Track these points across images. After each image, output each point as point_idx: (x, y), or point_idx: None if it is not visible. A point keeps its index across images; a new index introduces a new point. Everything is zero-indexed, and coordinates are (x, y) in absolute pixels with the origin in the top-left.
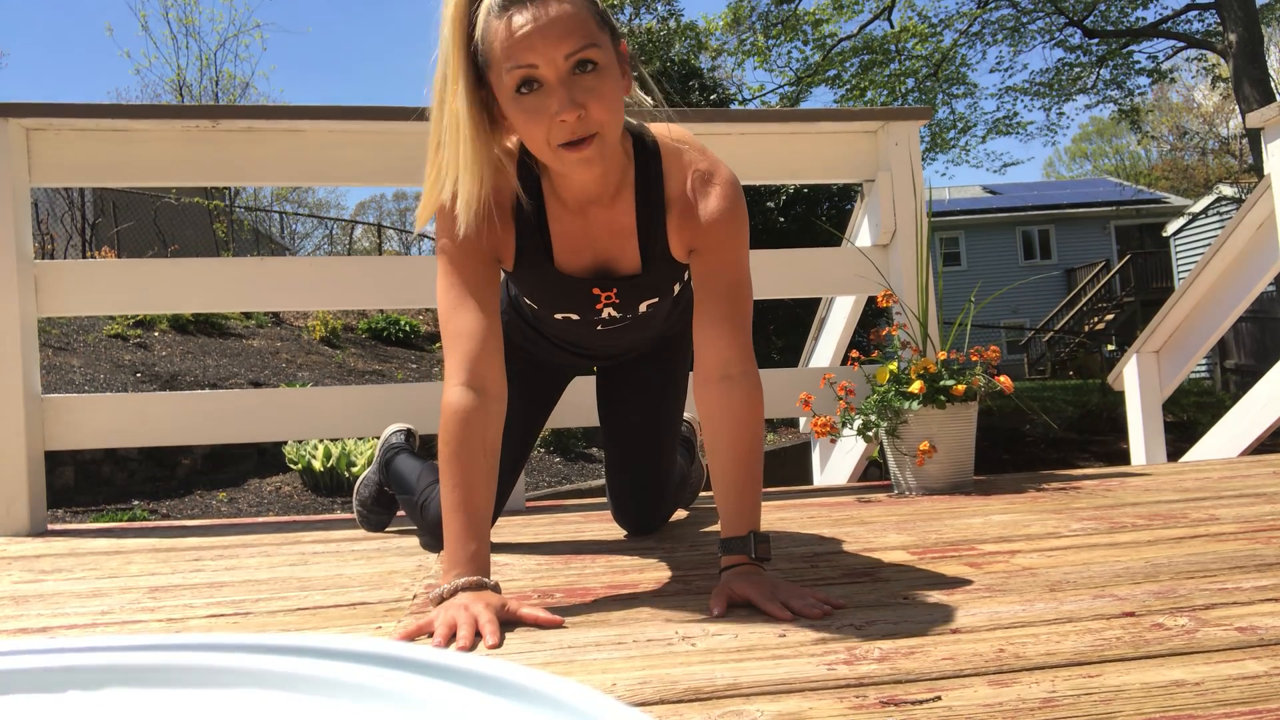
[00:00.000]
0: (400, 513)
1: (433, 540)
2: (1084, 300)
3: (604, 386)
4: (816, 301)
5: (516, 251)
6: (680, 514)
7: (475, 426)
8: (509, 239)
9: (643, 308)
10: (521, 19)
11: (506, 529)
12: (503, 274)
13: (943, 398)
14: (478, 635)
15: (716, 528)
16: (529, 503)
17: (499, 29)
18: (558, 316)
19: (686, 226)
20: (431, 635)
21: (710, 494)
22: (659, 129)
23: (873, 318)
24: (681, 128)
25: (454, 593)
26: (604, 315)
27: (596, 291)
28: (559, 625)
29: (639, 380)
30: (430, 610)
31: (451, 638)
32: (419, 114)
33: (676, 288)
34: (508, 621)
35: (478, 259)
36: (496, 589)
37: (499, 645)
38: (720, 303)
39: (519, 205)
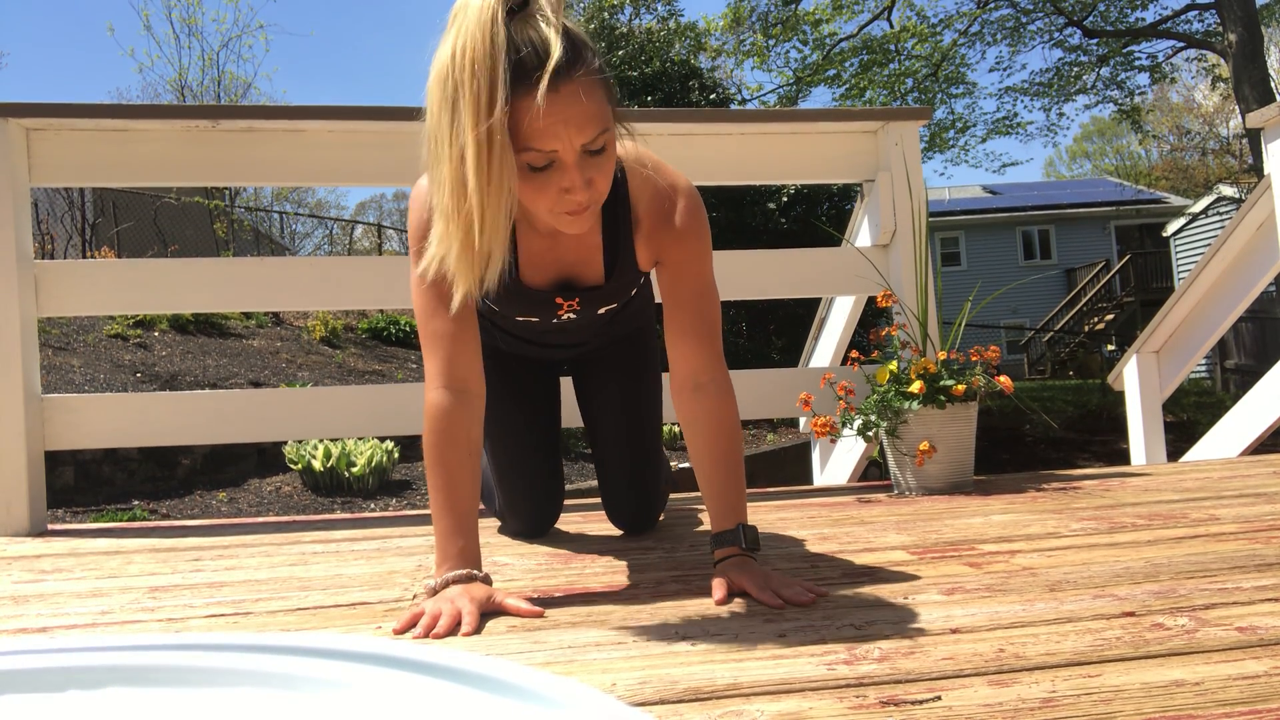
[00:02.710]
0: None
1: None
2: (1084, 300)
3: (580, 391)
4: (816, 301)
5: None
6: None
7: (459, 427)
8: None
9: (601, 311)
10: (550, 103)
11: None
12: None
13: (943, 398)
14: (459, 626)
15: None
16: None
17: (527, 102)
18: (518, 318)
19: (654, 240)
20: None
21: (698, 494)
22: (621, 150)
23: (873, 318)
24: (639, 146)
25: (445, 585)
26: (564, 319)
27: (559, 301)
28: (539, 615)
29: (613, 381)
30: (423, 603)
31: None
32: (419, 114)
33: (633, 291)
34: (491, 612)
35: None
36: (487, 581)
37: (474, 633)
38: (687, 314)
39: None
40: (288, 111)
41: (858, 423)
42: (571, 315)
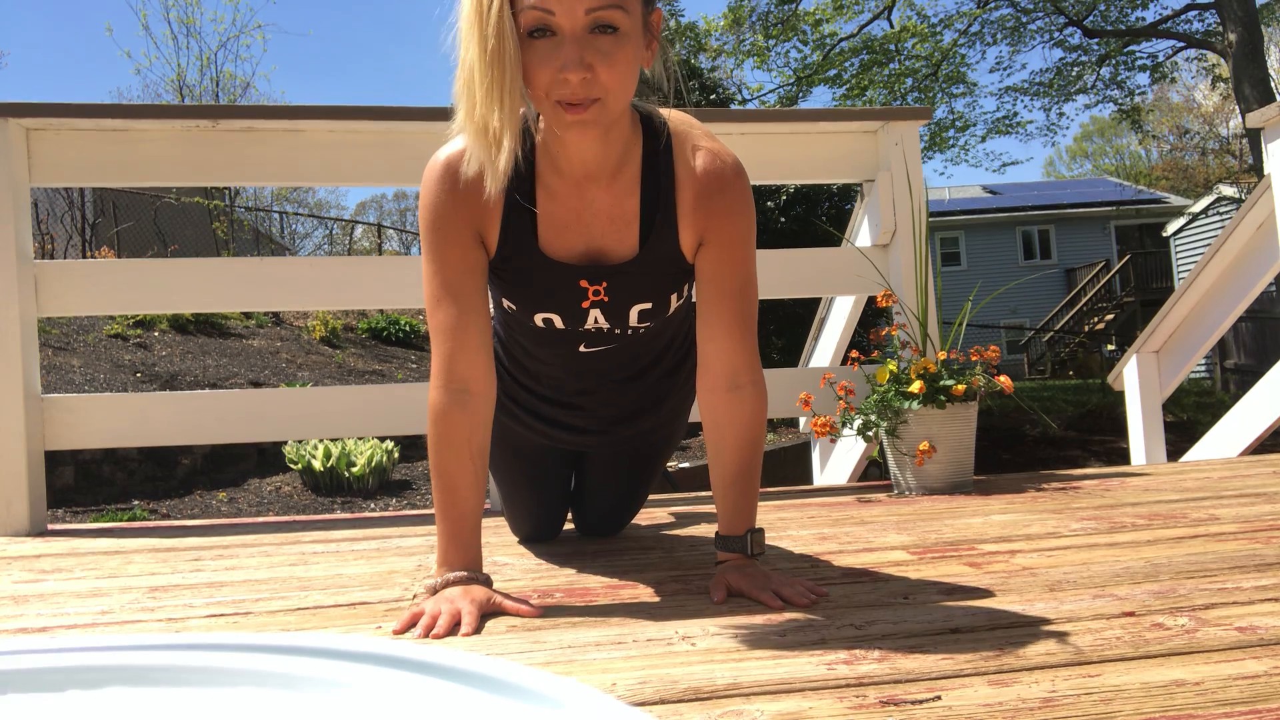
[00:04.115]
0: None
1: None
2: (1084, 300)
3: (583, 471)
4: (816, 301)
5: (501, 229)
6: (669, 517)
7: (460, 429)
8: (495, 215)
9: (633, 316)
10: None
11: (506, 529)
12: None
13: (943, 398)
14: (459, 626)
15: (714, 527)
16: None
17: None
18: (539, 320)
19: (699, 212)
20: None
21: (699, 494)
22: (670, 111)
23: (873, 318)
24: (684, 113)
25: (445, 586)
26: (590, 323)
27: (584, 285)
28: (538, 615)
29: (617, 480)
30: (423, 603)
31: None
32: (419, 114)
33: (674, 300)
34: (491, 612)
35: (461, 242)
36: (487, 581)
37: (474, 634)
38: (730, 304)
39: (511, 176)
40: (287, 111)
41: (858, 423)
42: (599, 315)
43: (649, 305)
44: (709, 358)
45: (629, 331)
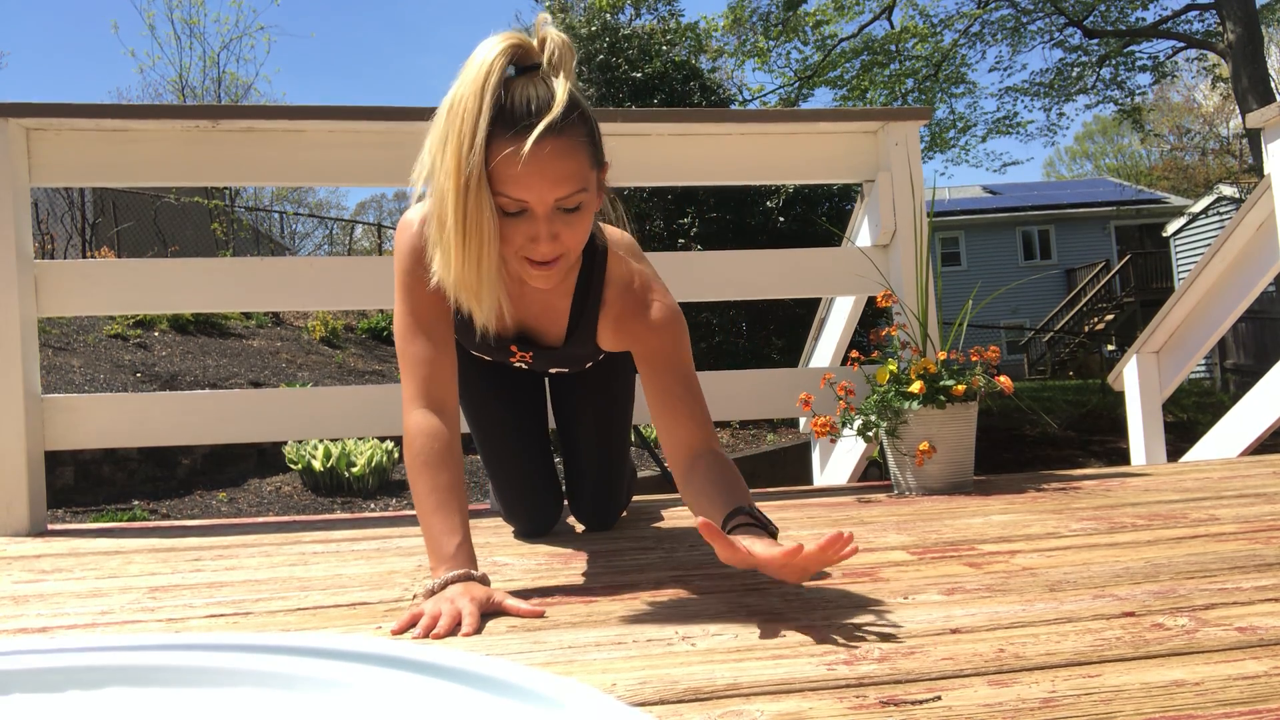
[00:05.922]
0: None
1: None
2: (1084, 300)
3: (553, 393)
4: (816, 301)
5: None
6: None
7: (442, 439)
8: None
9: (552, 371)
10: (526, 153)
11: (506, 529)
12: None
13: (943, 398)
14: (460, 626)
15: None
16: None
17: (504, 149)
18: (473, 353)
19: (623, 330)
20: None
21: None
22: (611, 233)
23: (873, 318)
24: (628, 237)
25: (444, 586)
26: (516, 365)
27: (514, 349)
28: (538, 616)
29: (585, 393)
30: (422, 603)
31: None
32: (419, 114)
33: (589, 365)
34: (491, 612)
35: (435, 296)
36: (485, 580)
37: (475, 633)
38: (674, 391)
39: None
40: (288, 111)
41: (858, 423)
42: (524, 365)
43: (566, 370)
44: (666, 439)
45: (548, 372)
